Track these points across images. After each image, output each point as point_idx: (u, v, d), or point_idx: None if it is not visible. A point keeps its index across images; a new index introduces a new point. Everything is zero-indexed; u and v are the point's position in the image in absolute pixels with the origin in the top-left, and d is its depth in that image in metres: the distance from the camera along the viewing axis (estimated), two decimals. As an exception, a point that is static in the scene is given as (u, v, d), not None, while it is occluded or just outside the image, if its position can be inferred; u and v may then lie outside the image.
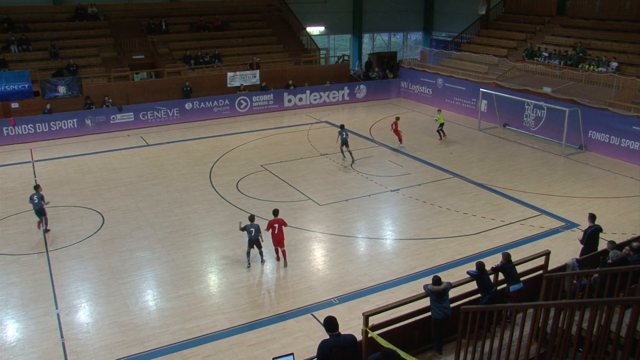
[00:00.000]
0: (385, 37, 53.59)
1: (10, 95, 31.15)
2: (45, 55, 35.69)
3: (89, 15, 39.14)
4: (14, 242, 18.81)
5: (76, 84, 32.67)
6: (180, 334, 13.69)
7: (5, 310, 14.85)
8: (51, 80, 32.46)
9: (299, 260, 17.16)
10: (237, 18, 42.79)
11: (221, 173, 24.95)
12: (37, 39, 36.49)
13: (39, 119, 31.33)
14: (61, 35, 37.39)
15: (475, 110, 33.40)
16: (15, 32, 36.14)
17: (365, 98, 39.41)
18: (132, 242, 18.50)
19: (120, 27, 39.30)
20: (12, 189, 23.83)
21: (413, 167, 25.33)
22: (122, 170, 25.70)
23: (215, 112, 35.16)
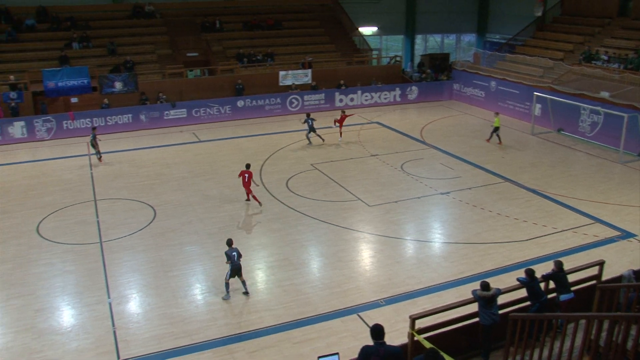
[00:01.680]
0: (438, 38, 53.10)
1: (71, 90, 32.21)
2: (103, 52, 36.63)
3: (145, 14, 40.00)
4: (70, 231, 19.40)
5: (132, 80, 33.46)
6: (226, 328, 13.87)
7: (62, 297, 15.36)
8: (109, 76, 33.33)
9: (346, 260, 17.16)
10: (290, 17, 43.06)
11: (271, 171, 25.17)
12: (97, 37, 37.46)
13: (96, 114, 32.20)
14: (119, 33, 38.31)
15: (529, 114, 32.80)
16: (77, 29, 37.21)
17: (416, 99, 39.14)
18: (182, 236, 18.83)
19: (175, 25, 40.01)
20: (69, 180, 24.57)
21: (464, 171, 25.04)
22: (174, 166, 26.21)
23: (266, 110, 35.48)
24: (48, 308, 14.88)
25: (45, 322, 14.21)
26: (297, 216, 20.26)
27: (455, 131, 31.47)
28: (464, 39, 54.00)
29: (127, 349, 13.13)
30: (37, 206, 21.73)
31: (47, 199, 22.46)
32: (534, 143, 29.70)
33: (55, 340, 13.49)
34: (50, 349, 13.17)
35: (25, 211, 21.29)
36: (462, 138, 30.08)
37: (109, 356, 12.90)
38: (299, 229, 19.22)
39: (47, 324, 14.17)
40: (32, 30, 37.04)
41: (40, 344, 13.36)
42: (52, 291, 15.67)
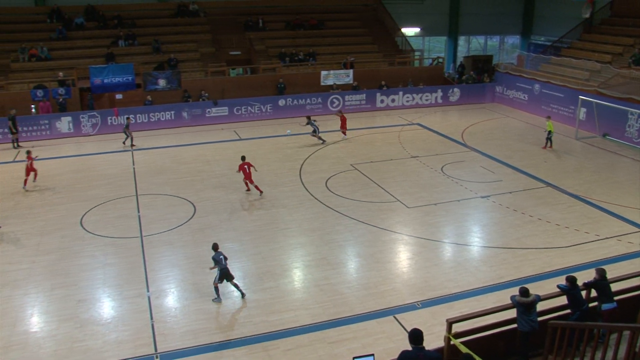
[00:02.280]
0: (482, 40, 52.50)
1: (116, 86, 32.90)
2: (148, 50, 37.25)
3: (190, 12, 40.54)
4: (112, 225, 19.78)
5: (175, 78, 33.93)
6: (262, 325, 13.94)
7: (103, 289, 15.69)
8: (153, 73, 33.89)
9: (384, 262, 17.10)
10: (332, 17, 43.10)
11: (311, 170, 25.23)
12: (142, 35, 38.15)
13: (140, 110, 32.79)
14: (164, 31, 38.95)
15: (573, 118, 32.16)
16: (124, 28, 37.97)
17: (458, 101, 38.76)
18: (221, 233, 19.00)
19: (219, 24, 40.45)
20: (113, 175, 25.07)
21: (505, 174, 24.71)
22: (214, 163, 26.49)
23: (307, 109, 35.57)
24: (90, 299, 15.22)
25: (87, 313, 14.54)
26: (336, 216, 20.27)
27: (496, 134, 31.06)
28: (508, 41, 53.32)
29: (165, 342, 13.33)
30: (81, 199, 22.24)
31: (91, 192, 22.96)
32: (578, 148, 29.11)
33: (96, 331, 13.79)
34: (91, 338, 13.46)
35: (70, 204, 21.82)
36: (503, 141, 29.68)
37: (147, 348, 13.11)
38: (337, 229, 19.22)
39: (88, 314, 14.49)
40: (81, 29, 37.96)
41: (82, 333, 13.68)
42: (93, 283, 16.02)
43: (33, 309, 14.86)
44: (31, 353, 13.01)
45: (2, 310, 14.69)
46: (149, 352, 13.00)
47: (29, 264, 17.09)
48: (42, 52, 35.55)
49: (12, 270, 16.75)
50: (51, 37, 36.90)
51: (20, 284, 15.91)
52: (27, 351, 13.08)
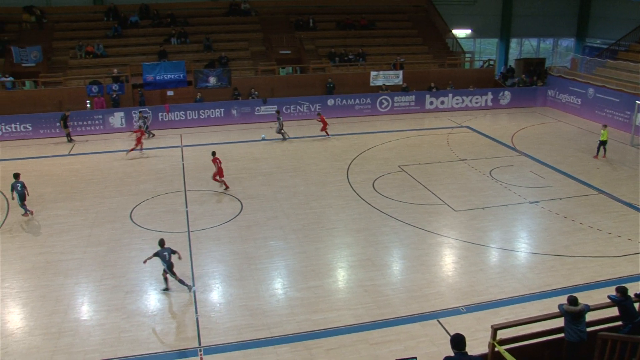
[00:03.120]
0: (534, 42, 51.50)
1: (167, 83, 33.50)
2: (200, 48, 37.79)
3: (241, 11, 40.99)
4: (161, 219, 20.13)
5: (226, 76, 34.31)
6: (305, 324, 13.97)
7: (150, 281, 15.99)
8: (204, 71, 34.33)
9: (429, 265, 16.93)
10: (383, 17, 42.94)
11: (358, 170, 25.18)
12: (194, 33, 38.75)
13: (190, 107, 33.30)
14: (215, 30, 39.48)
15: (629, 124, 31.25)
16: (176, 26, 38.65)
17: (509, 105, 38.12)
18: (267, 231, 19.12)
19: (269, 23, 40.74)
20: (162, 170, 25.54)
21: (555, 180, 24.16)
22: (262, 161, 26.69)
23: (356, 109, 35.52)
24: (137, 291, 15.52)
25: (134, 304, 14.83)
26: (382, 217, 20.17)
27: (547, 139, 30.42)
28: (562, 44, 52.11)
29: (208, 336, 13.48)
30: (131, 193, 22.72)
31: (141, 186, 23.43)
32: (633, 154, 28.26)
33: (142, 322, 14.06)
34: (137, 329, 13.73)
35: (120, 197, 22.30)
36: (554, 146, 29.04)
37: (191, 342, 13.28)
38: (383, 230, 19.13)
39: (135, 305, 14.78)
40: (136, 26, 38.86)
41: (129, 323, 13.97)
42: (141, 275, 16.32)
43: (83, 297, 15.27)
44: (81, 340, 13.37)
45: (55, 298, 15.15)
46: (193, 345, 13.17)
47: (80, 254, 17.56)
48: (98, 49, 36.46)
49: (65, 259, 17.25)
50: (107, 35, 37.85)
51: (72, 274, 16.36)
52: (77, 338, 13.45)
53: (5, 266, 17.05)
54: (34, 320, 14.27)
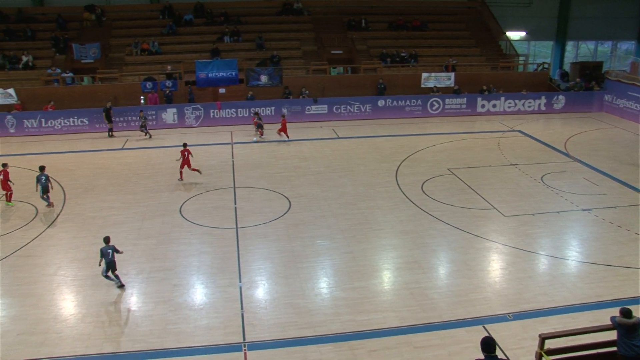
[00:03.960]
0: (591, 45, 50.20)
1: (219, 81, 33.98)
2: (252, 46, 38.17)
3: (294, 10, 41.22)
4: (210, 215, 20.38)
5: (277, 74, 34.53)
6: (350, 324, 13.91)
7: (197, 276, 16.20)
8: (255, 69, 34.64)
9: (476, 269, 16.67)
10: (436, 19, 42.57)
11: (407, 172, 24.99)
12: (247, 31, 39.18)
13: (241, 105, 33.68)
14: (268, 28, 39.80)
15: (691, 132, 30.22)
16: (230, 24, 39.14)
17: (563, 109, 37.24)
18: (314, 230, 19.15)
19: (322, 23, 40.85)
20: (212, 166, 25.87)
21: (610, 188, 23.48)
22: (312, 160, 26.76)
23: (406, 111, 35.29)
24: (184, 284, 15.75)
25: (181, 297, 15.05)
26: (430, 220, 19.96)
27: (603, 145, 29.60)
28: (621, 47, 50.64)
29: (253, 332, 13.56)
30: (181, 188, 23.10)
31: (191, 182, 23.80)
32: (694, 163, 27.29)
33: (189, 315, 14.24)
34: (184, 322, 13.92)
35: (171, 192, 22.69)
36: (610, 153, 28.23)
37: (236, 337, 13.38)
38: (430, 233, 18.92)
39: (182, 299, 14.99)
40: (190, 25, 39.56)
41: (176, 316, 14.18)
42: (189, 269, 16.56)
43: (132, 289, 15.58)
44: (130, 329, 13.67)
45: (106, 288, 15.52)
46: (238, 340, 13.27)
47: (131, 246, 17.90)
48: (153, 47, 37.21)
49: (116, 251, 17.63)
50: (162, 33, 38.63)
51: (122, 265, 16.64)
52: (126, 327, 13.76)
53: (61, 254, 17.61)
54: (86, 308, 14.67)
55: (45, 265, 16.95)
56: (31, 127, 32.23)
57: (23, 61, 35.56)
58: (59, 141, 30.84)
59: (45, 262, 17.17)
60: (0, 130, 31.95)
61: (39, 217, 20.59)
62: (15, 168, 25.16)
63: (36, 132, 32.25)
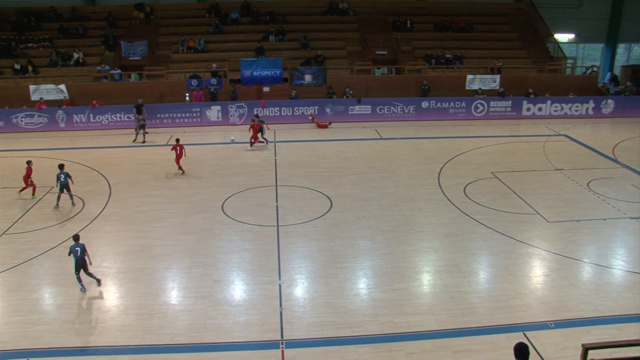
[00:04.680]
0: (645, 48, 48.88)
1: (264, 79, 34.24)
2: (297, 46, 38.33)
3: (339, 10, 41.25)
4: (252, 212, 20.54)
5: (321, 74, 34.61)
6: (388, 326, 13.83)
7: (237, 272, 16.34)
8: (300, 68, 34.78)
9: (518, 275, 16.39)
10: (482, 20, 42.06)
11: (450, 175, 24.75)
12: (292, 31, 39.38)
13: (285, 103, 33.85)
14: (313, 28, 39.92)
15: None
16: (275, 23, 39.41)
17: (612, 114, 36.34)
18: (355, 230, 19.11)
19: (367, 23, 40.78)
20: (255, 164, 26.12)
21: (660, 195, 22.86)
22: (354, 160, 26.73)
23: (450, 113, 34.95)
24: (224, 280, 15.91)
25: (221, 293, 15.20)
26: (472, 223, 19.73)
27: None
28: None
29: (291, 330, 13.60)
30: (224, 185, 23.33)
31: (234, 179, 24.02)
32: None
33: (228, 311, 14.37)
34: (223, 318, 14.05)
35: (213, 189, 22.95)
36: (660, 160, 27.46)
37: (273, 334, 13.44)
38: (472, 237, 18.70)
39: (222, 295, 15.14)
40: (236, 23, 40.01)
41: (215, 311, 14.33)
42: (229, 265, 16.72)
43: (174, 283, 15.82)
44: (170, 323, 13.86)
45: (148, 281, 15.81)
46: (276, 338, 13.33)
47: (173, 241, 18.20)
48: (199, 45, 37.70)
49: (159, 245, 17.94)
50: (208, 31, 39.17)
51: (164, 259, 16.99)
52: (166, 321, 13.96)
53: (106, 247, 17.99)
54: (129, 300, 14.96)
55: (90, 257, 17.29)
56: (80, 122, 33.07)
57: (74, 58, 36.55)
58: (106, 136, 31.49)
59: (90, 253, 17.42)
60: (51, 124, 32.87)
61: (86, 209, 21.07)
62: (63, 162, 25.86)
63: (84, 127, 33.07)
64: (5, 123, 32.71)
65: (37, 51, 37.64)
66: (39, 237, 18.74)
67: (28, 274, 16.37)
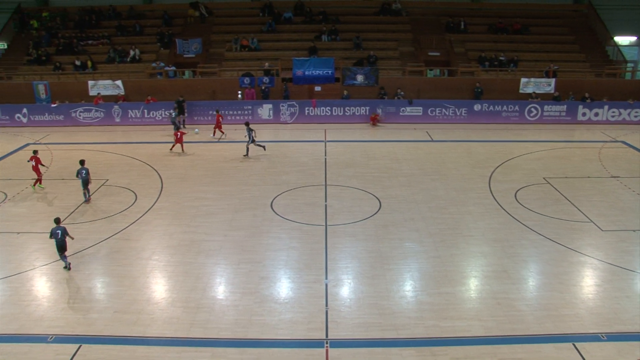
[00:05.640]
0: None
1: (315, 79, 34.36)
2: (349, 46, 38.33)
3: (392, 11, 41.09)
4: (300, 211, 20.65)
5: (373, 74, 34.52)
6: (433, 329, 13.74)
7: (284, 270, 16.47)
8: (352, 68, 34.76)
9: (569, 284, 16.01)
10: (538, 22, 41.21)
11: (501, 179, 24.37)
12: (345, 30, 39.40)
13: (336, 103, 33.89)
14: (366, 28, 39.85)
15: None
16: (328, 23, 39.54)
17: (674, 120, 35.18)
18: (403, 232, 19.01)
19: (420, 24, 40.48)
20: (304, 163, 26.26)
21: None
22: (404, 162, 26.59)
23: (503, 116, 34.38)
24: (271, 277, 16.05)
25: (268, 290, 15.35)
26: (522, 229, 19.39)
27: None
28: None
29: (336, 330, 13.64)
30: (274, 183, 23.52)
31: (283, 177, 24.20)
32: None
33: (274, 308, 14.51)
34: (268, 315, 14.19)
35: (263, 186, 23.17)
36: None
37: (318, 333, 13.51)
38: (522, 243, 18.37)
39: (268, 291, 15.29)
40: (289, 22, 40.26)
41: (261, 308, 14.49)
42: (276, 263, 16.86)
43: (221, 278, 16.07)
44: (216, 317, 14.10)
45: (196, 275, 16.09)
46: (320, 336, 13.39)
47: (222, 237, 18.47)
48: (252, 43, 38.08)
49: (208, 240, 18.23)
50: (261, 30, 39.54)
51: (213, 254, 17.25)
52: (213, 315, 14.19)
53: (156, 240, 18.40)
54: (177, 293, 15.26)
55: (141, 249, 17.75)
56: (135, 117, 33.86)
57: (131, 55, 37.47)
58: (158, 131, 32.12)
59: (141, 246, 17.99)
60: (107, 119, 33.76)
61: (138, 203, 21.55)
62: (117, 155, 26.61)
63: (139, 122, 33.84)
64: (65, 117, 33.79)
65: (96, 48, 38.81)
66: (92, 228, 19.32)
67: (82, 263, 16.93)
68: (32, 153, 23.19)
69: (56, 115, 33.86)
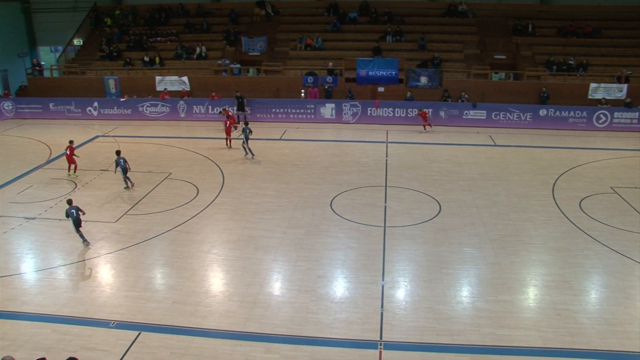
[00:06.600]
0: None
1: (379, 79, 34.38)
2: (414, 47, 38.07)
3: (458, 12, 40.57)
4: (359, 211, 20.65)
5: (437, 76, 34.23)
6: (490, 337, 13.52)
7: (341, 270, 16.52)
8: (416, 70, 34.57)
9: (635, 299, 15.31)
10: (611, 25, 39.79)
11: (565, 187, 23.75)
12: (410, 32, 39.16)
13: (399, 104, 33.72)
14: (431, 30, 39.51)
15: None
16: (393, 24, 39.41)
17: None
18: (462, 237, 18.78)
19: (486, 26, 39.83)
20: (365, 163, 26.25)
21: None
22: (466, 165, 26.25)
23: (569, 122, 33.47)
24: (328, 276, 16.13)
25: (324, 289, 15.43)
26: (586, 239, 18.84)
27: None
28: None
29: (390, 332, 13.60)
30: (334, 182, 23.62)
31: (344, 177, 24.26)
32: None
33: (329, 307, 14.57)
34: (323, 313, 14.26)
35: (323, 185, 23.30)
36: None
37: (373, 334, 13.49)
38: (585, 253, 17.85)
39: (324, 290, 15.37)
40: (354, 22, 40.30)
41: (317, 306, 14.57)
42: (334, 262, 16.93)
43: (278, 275, 16.26)
44: (272, 313, 14.28)
45: (254, 271, 16.33)
46: (374, 338, 13.38)
47: (280, 234, 18.67)
48: (317, 42, 38.30)
49: (267, 236, 18.47)
50: (326, 29, 39.73)
51: (271, 251, 17.46)
52: (269, 311, 14.38)
53: (216, 235, 18.78)
54: (234, 287, 15.53)
55: (200, 243, 18.14)
56: (199, 112, 34.60)
57: (197, 52, 38.31)
58: (221, 128, 32.60)
59: (201, 239, 18.38)
60: (173, 113, 34.64)
61: (200, 197, 22.01)
62: (181, 150, 27.25)
63: (202, 118, 34.55)
64: (133, 111, 34.88)
65: (164, 45, 39.90)
66: (155, 220, 19.87)
67: (144, 253, 17.46)
68: (67, 142, 24.57)
69: (124, 109, 35.02)
